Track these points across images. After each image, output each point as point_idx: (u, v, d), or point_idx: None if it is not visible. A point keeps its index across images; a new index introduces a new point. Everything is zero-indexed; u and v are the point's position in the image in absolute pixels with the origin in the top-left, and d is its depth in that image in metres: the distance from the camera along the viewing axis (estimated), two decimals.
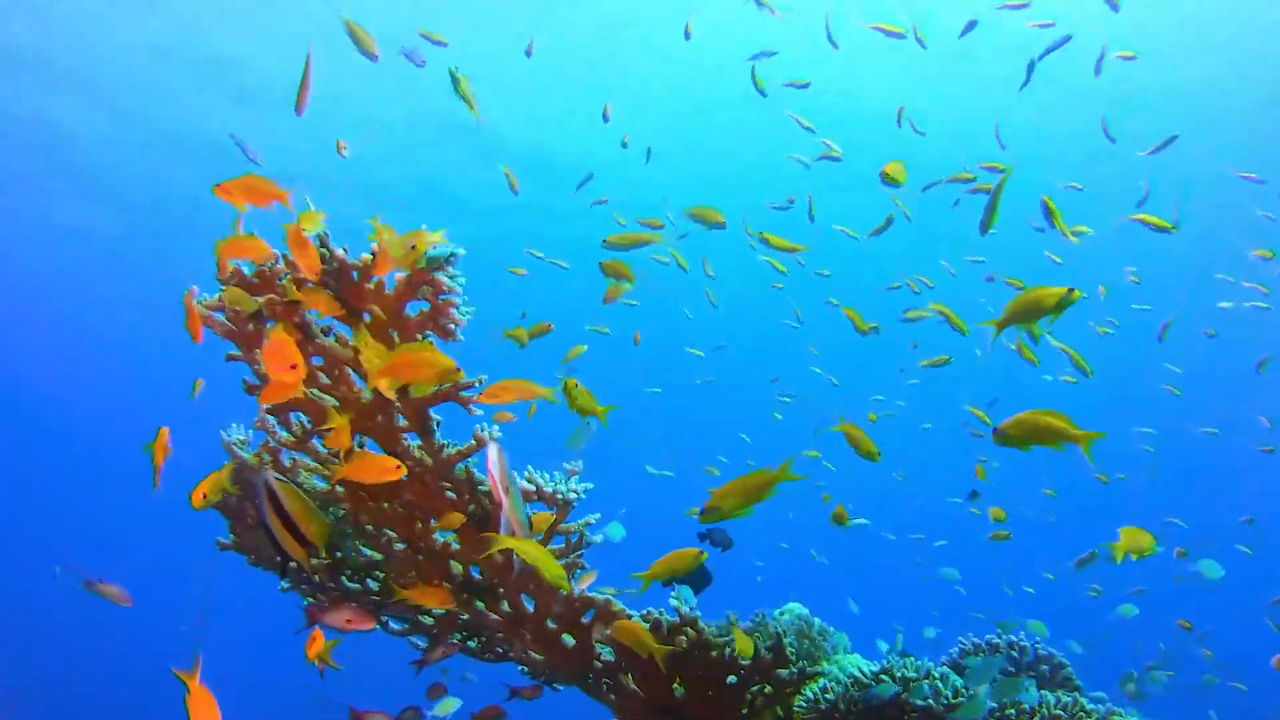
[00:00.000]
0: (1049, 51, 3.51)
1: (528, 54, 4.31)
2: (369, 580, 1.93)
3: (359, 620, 1.76)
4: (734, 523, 1.82)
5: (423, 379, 1.53)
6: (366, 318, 1.73)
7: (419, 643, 2.03)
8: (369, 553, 1.90)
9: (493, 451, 1.52)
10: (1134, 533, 1.70)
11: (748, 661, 1.82)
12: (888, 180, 2.60)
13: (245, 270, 1.70)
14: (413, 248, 1.53)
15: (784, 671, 1.91)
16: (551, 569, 1.45)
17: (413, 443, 1.82)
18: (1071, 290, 1.48)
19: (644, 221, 4.66)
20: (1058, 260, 5.82)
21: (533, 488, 1.82)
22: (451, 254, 1.69)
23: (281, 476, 1.50)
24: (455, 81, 2.61)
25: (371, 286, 1.70)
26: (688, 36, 4.30)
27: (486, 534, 1.72)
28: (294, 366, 1.38)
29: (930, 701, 1.76)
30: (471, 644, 2.03)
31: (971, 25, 4.35)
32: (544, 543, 1.88)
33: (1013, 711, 1.72)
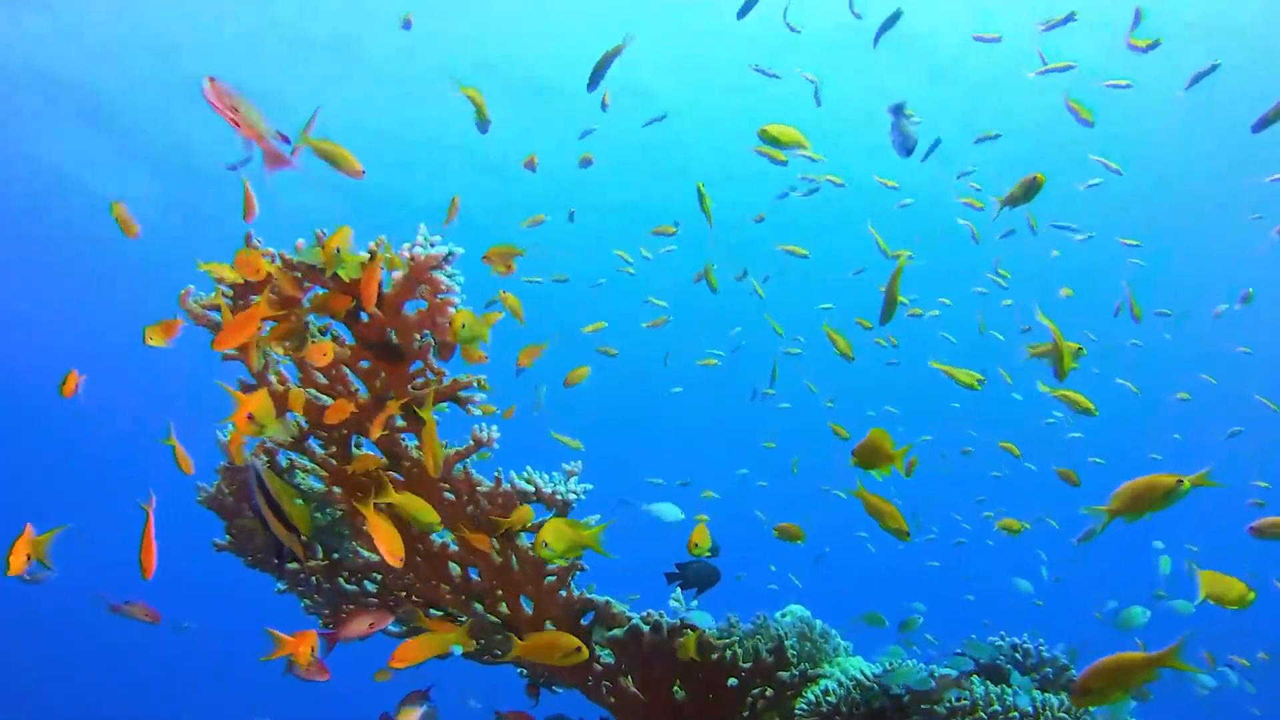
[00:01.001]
0: (1053, 28, 3.45)
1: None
2: (366, 583, 1.91)
3: (379, 620, 1.75)
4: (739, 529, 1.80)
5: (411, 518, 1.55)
6: (365, 318, 1.72)
7: None
8: (366, 554, 1.88)
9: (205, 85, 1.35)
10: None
11: (695, 658, 1.80)
12: (767, 139, 2.28)
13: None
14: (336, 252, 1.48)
15: (785, 674, 1.89)
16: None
17: (410, 443, 1.81)
18: (1181, 480, 1.39)
19: (657, 231, 4.66)
20: (1055, 253, 5.80)
21: (531, 488, 1.80)
22: (449, 253, 1.67)
23: (262, 463, 1.49)
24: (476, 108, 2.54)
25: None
26: (604, 108, 4.07)
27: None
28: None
29: (933, 705, 1.74)
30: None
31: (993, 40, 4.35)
32: None
33: (1016, 715, 1.70)
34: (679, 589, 2.17)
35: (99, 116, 8.76)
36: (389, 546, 1.43)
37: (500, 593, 1.89)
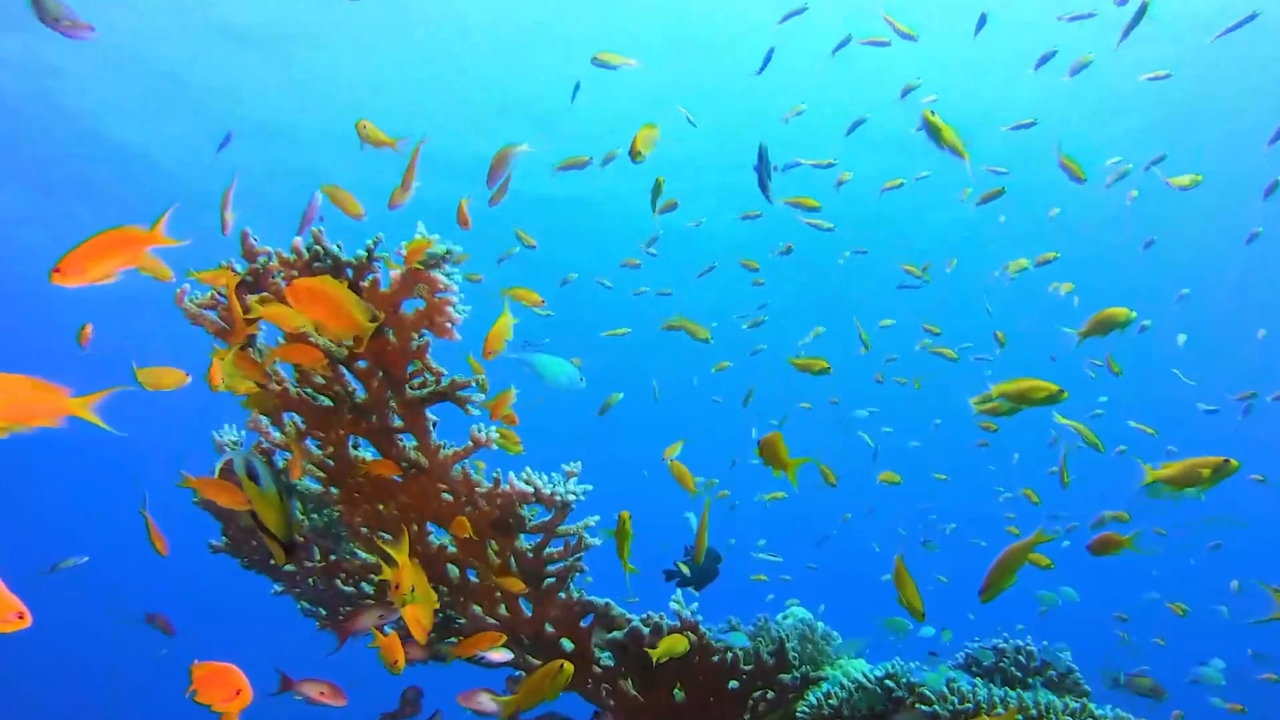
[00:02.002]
0: (1076, 19, 3.41)
1: None
2: (363, 584, 1.89)
3: (388, 613, 1.75)
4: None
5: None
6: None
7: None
8: (363, 556, 1.86)
9: None
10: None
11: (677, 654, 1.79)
12: (635, 156, 2.21)
13: (237, 268, 1.68)
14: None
15: (786, 676, 1.88)
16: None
17: (408, 443, 1.79)
18: (1228, 461, 1.47)
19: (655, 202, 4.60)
20: (1055, 211, 5.76)
21: (530, 489, 1.79)
22: (447, 251, 1.66)
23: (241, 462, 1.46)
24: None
25: (366, 285, 1.67)
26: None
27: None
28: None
29: (936, 707, 1.72)
30: None
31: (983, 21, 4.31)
32: (542, 545, 1.85)
33: (1020, 718, 1.69)
34: (679, 588, 2.15)
35: (141, 68, 8.28)
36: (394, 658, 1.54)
37: (499, 594, 1.87)
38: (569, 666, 1.44)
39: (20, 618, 1.03)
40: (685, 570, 2.39)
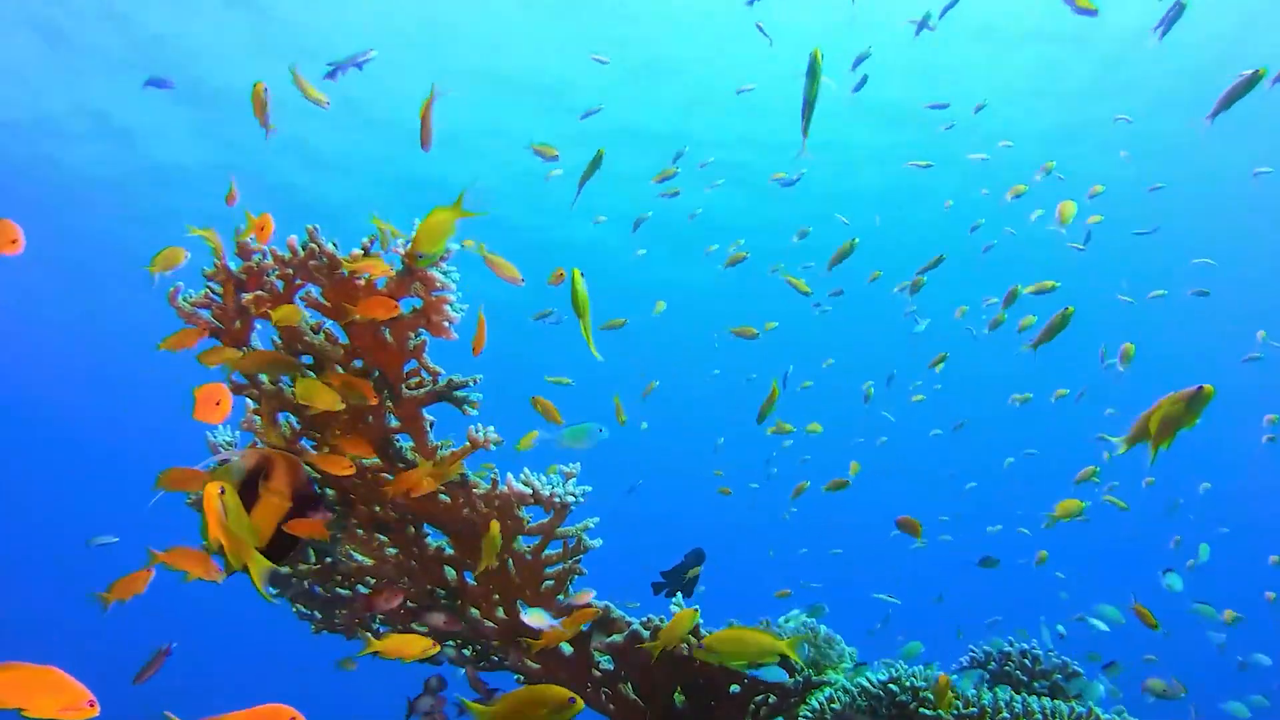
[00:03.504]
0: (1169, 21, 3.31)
1: None
2: (360, 587, 1.87)
3: (390, 596, 1.74)
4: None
5: None
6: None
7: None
8: (359, 558, 1.84)
9: None
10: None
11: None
12: (411, 260, 1.60)
13: (231, 266, 1.65)
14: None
15: (788, 680, 1.85)
16: None
17: (405, 443, 1.77)
18: (1202, 387, 1.33)
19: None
20: (1050, 165, 5.75)
21: (529, 491, 1.76)
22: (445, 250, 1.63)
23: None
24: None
25: (363, 283, 1.64)
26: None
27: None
28: (218, 403, 1.41)
29: (940, 712, 1.70)
30: (467, 652, 1.98)
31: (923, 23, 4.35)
32: (541, 547, 1.83)
33: None
34: (667, 595, 2.13)
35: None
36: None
37: (497, 597, 1.85)
38: (580, 703, 1.37)
39: (91, 705, 1.04)
40: (685, 577, 2.37)
